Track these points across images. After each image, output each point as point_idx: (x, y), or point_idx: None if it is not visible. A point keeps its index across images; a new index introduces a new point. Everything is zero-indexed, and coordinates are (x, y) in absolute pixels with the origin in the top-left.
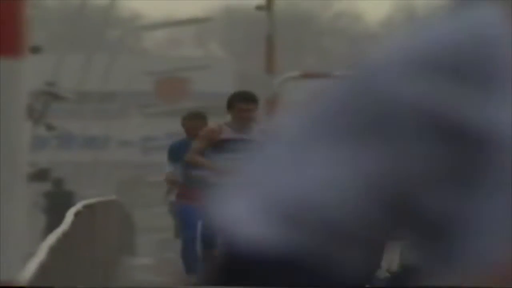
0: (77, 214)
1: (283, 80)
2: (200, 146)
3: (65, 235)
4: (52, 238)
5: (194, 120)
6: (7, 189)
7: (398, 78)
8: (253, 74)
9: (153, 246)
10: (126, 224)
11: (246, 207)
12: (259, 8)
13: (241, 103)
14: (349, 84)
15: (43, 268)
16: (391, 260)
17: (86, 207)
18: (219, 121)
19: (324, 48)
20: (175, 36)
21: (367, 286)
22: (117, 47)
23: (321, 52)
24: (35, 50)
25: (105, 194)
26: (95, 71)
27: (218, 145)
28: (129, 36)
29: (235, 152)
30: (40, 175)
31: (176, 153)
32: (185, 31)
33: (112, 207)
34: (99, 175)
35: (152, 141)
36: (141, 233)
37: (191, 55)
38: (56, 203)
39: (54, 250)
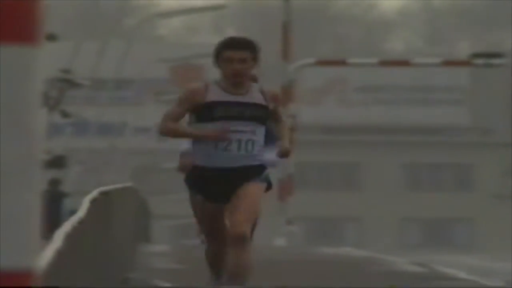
0: (93, 201)
1: (299, 67)
2: (178, 110)
3: (81, 222)
4: (68, 225)
5: None
6: (23, 176)
7: None
8: (269, 61)
9: (169, 232)
10: (141, 211)
11: None
12: None
13: (229, 51)
14: None
15: (59, 255)
16: None
17: (102, 194)
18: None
19: (340, 35)
20: (191, 24)
21: None
22: (133, 35)
23: (337, 39)
24: (51, 37)
25: (121, 180)
26: (111, 58)
27: (202, 110)
28: (145, 24)
29: (224, 120)
30: (56, 162)
31: None
32: (201, 19)
33: (128, 194)
34: (114, 161)
35: None
36: (157, 219)
37: (207, 42)
38: (48, 202)
39: (70, 237)
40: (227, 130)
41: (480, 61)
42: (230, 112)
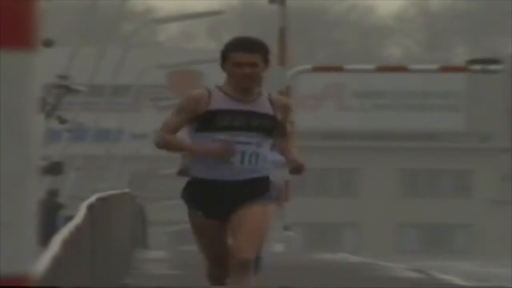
0: (90, 207)
1: (296, 73)
2: (177, 120)
3: (78, 228)
4: (66, 231)
5: None
6: (20, 182)
7: None
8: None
9: (166, 238)
10: (139, 217)
11: None
12: (272, 1)
13: (239, 54)
14: None
15: (56, 261)
16: None
17: (99, 200)
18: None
19: (336, 41)
20: (188, 30)
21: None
22: (130, 40)
23: (333, 45)
24: (48, 43)
25: (118, 186)
26: (108, 64)
27: (204, 119)
28: (143, 30)
29: (230, 130)
30: (53, 168)
31: None
32: (198, 24)
33: (125, 200)
34: (111, 168)
35: None
36: (154, 226)
37: (204, 48)
38: (44, 212)
39: (67, 243)
40: (232, 147)
41: (477, 67)
42: (235, 121)
